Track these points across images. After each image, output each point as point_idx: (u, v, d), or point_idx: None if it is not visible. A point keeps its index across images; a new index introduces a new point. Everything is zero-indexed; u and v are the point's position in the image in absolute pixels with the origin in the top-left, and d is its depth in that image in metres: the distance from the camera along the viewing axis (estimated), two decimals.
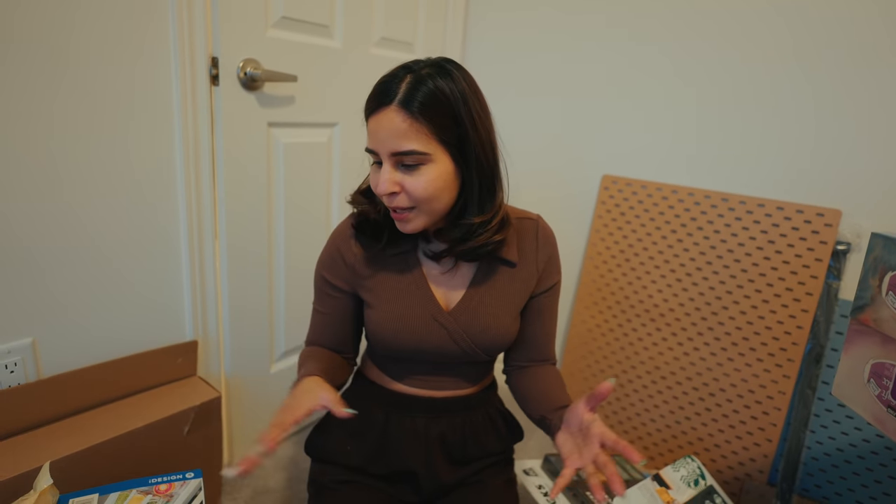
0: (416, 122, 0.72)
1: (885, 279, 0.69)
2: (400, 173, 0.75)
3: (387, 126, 0.73)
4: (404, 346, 0.86)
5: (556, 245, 0.93)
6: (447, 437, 0.93)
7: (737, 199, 1.30)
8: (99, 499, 0.84)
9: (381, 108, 0.73)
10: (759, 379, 1.28)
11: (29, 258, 0.91)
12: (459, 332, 0.85)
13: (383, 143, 0.73)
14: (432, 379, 0.91)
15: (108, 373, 1.02)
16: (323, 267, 0.91)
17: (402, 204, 0.75)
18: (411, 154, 0.73)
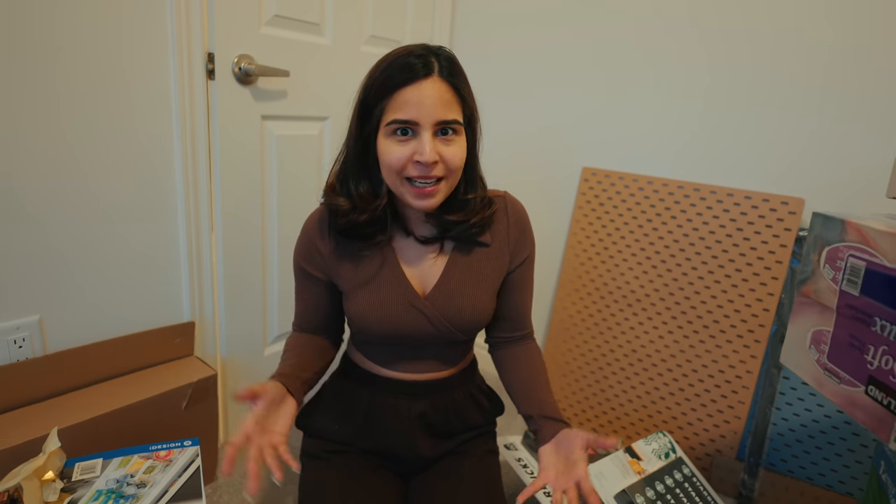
0: (456, 93, 0.77)
1: (823, 253, 0.76)
2: (437, 142, 0.76)
3: (432, 94, 0.74)
4: (384, 332, 0.89)
5: (527, 219, 0.95)
6: (429, 415, 0.98)
7: (708, 190, 1.37)
8: (103, 463, 0.91)
9: (423, 77, 0.74)
10: (728, 359, 1.35)
11: (37, 242, 0.97)
12: (437, 315, 0.88)
13: (429, 112, 0.74)
14: (413, 363, 0.95)
15: (111, 350, 1.08)
16: (299, 257, 0.93)
17: (439, 173, 0.77)
18: (454, 123, 0.76)
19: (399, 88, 0.74)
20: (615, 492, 1.05)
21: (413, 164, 0.76)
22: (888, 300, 0.63)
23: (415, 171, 0.76)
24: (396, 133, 0.76)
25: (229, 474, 0.71)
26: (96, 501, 0.82)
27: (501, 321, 0.99)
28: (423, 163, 0.74)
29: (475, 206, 0.85)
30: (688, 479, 1.14)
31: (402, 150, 0.76)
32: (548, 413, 0.91)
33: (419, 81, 0.74)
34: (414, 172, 0.76)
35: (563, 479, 0.82)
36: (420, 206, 0.79)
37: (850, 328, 0.70)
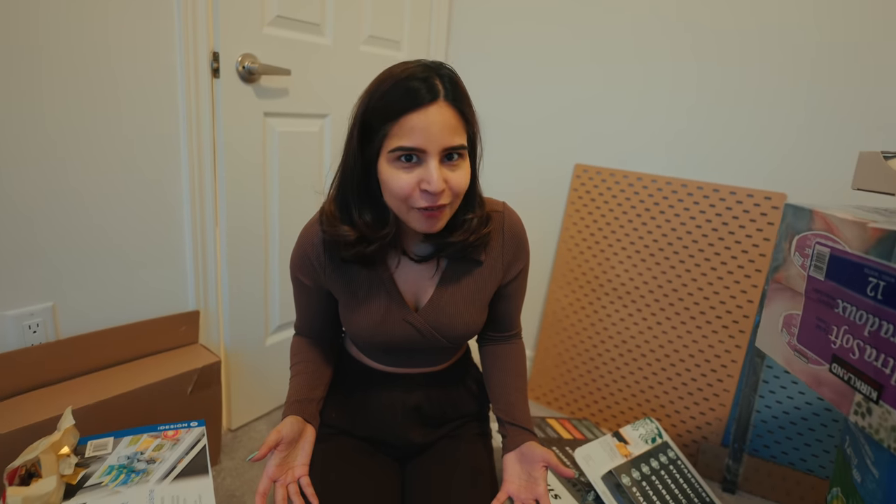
0: (461, 117, 0.74)
1: (794, 242, 0.80)
2: (444, 169, 0.74)
3: (439, 121, 0.72)
4: (377, 343, 0.91)
5: (524, 234, 0.96)
6: (423, 406, 1.02)
7: (695, 185, 1.42)
8: (114, 441, 0.95)
9: (429, 103, 0.72)
10: (714, 349, 1.40)
11: (51, 233, 1.02)
12: (428, 329, 0.90)
13: (436, 139, 0.72)
14: (407, 361, 0.98)
15: (119, 336, 1.13)
16: (295, 268, 0.94)
17: (445, 200, 0.75)
18: (460, 149, 0.74)
19: (404, 114, 0.72)
20: (602, 472, 1.09)
21: (420, 193, 0.74)
22: (849, 283, 0.68)
23: (422, 202, 0.74)
24: (401, 160, 0.74)
25: None
26: (109, 475, 0.87)
27: (491, 324, 1.02)
28: (431, 192, 0.73)
29: (473, 225, 0.85)
30: (672, 462, 1.19)
31: (408, 178, 0.74)
32: (517, 420, 0.94)
33: (425, 108, 0.72)
34: (421, 203, 0.75)
35: (524, 493, 0.87)
36: (426, 230, 0.78)
37: (816, 311, 0.74)
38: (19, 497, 0.74)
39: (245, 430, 1.44)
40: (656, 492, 1.10)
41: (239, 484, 1.24)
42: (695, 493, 1.16)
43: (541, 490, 0.85)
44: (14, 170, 0.95)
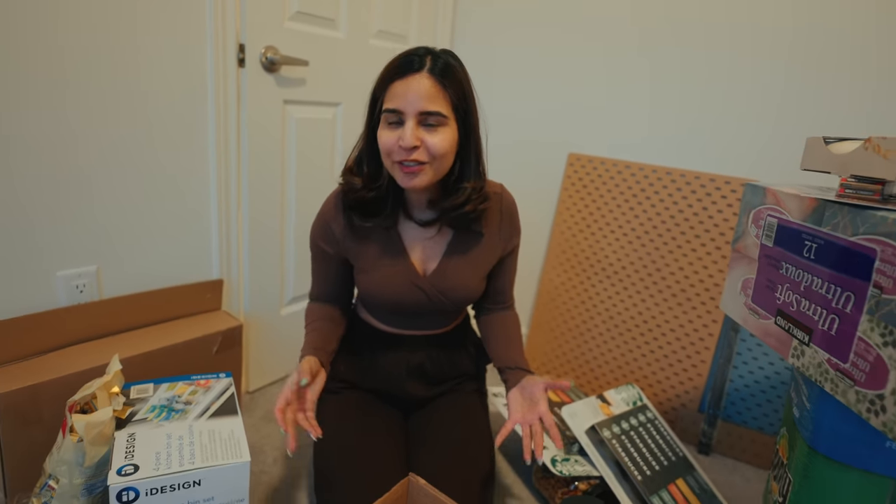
0: (442, 89, 0.87)
1: (750, 215, 0.93)
2: (422, 130, 0.87)
3: (417, 88, 0.85)
4: (388, 303, 1.05)
5: (517, 213, 1.10)
6: (425, 365, 1.14)
7: (678, 173, 1.55)
8: (154, 387, 1.08)
9: (412, 73, 0.86)
10: (693, 324, 1.52)
11: (98, 204, 1.14)
12: (434, 292, 1.03)
13: (413, 103, 0.86)
14: (412, 322, 1.11)
15: (154, 299, 1.25)
16: (316, 235, 1.06)
17: (421, 158, 0.88)
18: (436, 115, 0.87)
19: (392, 82, 0.88)
20: (585, 427, 1.22)
21: (398, 149, 0.88)
22: (791, 247, 0.80)
23: (399, 156, 0.88)
24: (389, 121, 0.89)
25: (296, 449, 0.90)
26: (152, 413, 0.99)
27: (488, 296, 1.16)
28: (403, 147, 0.86)
29: (470, 194, 0.97)
30: (650, 421, 1.32)
31: (391, 136, 0.88)
32: (516, 365, 1.08)
33: (408, 76, 0.86)
34: (398, 157, 0.88)
35: (528, 416, 0.99)
36: (406, 185, 0.91)
37: (766, 273, 0.87)
38: (83, 422, 0.87)
39: (261, 393, 1.57)
40: (633, 444, 1.22)
41: (257, 438, 1.36)
42: (669, 447, 1.28)
43: (542, 408, 0.97)
44: (75, 147, 1.07)
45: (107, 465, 0.94)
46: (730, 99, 1.47)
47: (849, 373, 0.67)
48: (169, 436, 0.93)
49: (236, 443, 0.94)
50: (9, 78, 0.97)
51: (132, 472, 0.84)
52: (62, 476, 0.91)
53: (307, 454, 1.30)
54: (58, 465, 0.91)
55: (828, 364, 0.71)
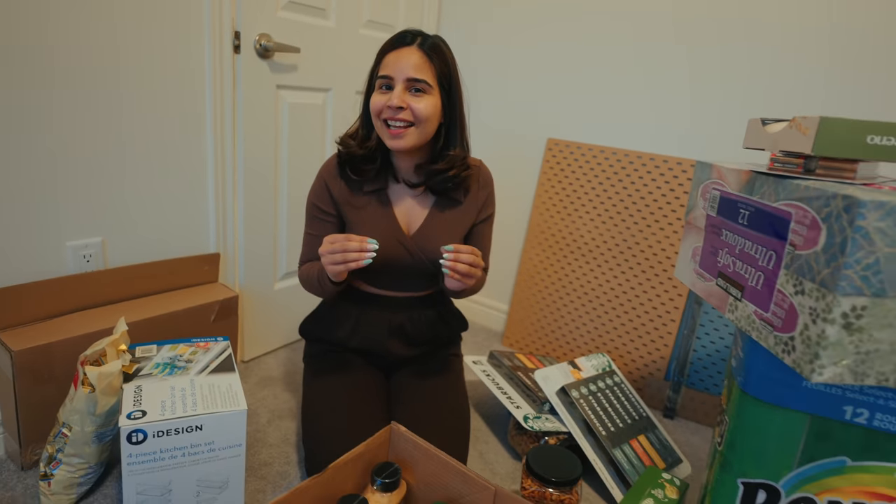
0: (428, 61, 1.02)
1: (699, 189, 1.03)
2: (408, 96, 1.02)
3: (407, 58, 1.01)
4: (376, 260, 1.16)
5: (493, 185, 1.23)
6: (405, 325, 1.25)
7: (648, 157, 1.65)
8: (157, 348, 1.17)
9: (403, 46, 1.02)
10: (661, 297, 1.63)
11: (104, 178, 1.23)
12: (416, 250, 1.15)
13: (402, 71, 1.01)
14: (395, 283, 1.22)
15: (155, 270, 1.34)
16: (314, 196, 1.18)
17: (406, 118, 1.02)
18: (422, 82, 1.01)
19: (386, 53, 1.04)
20: (556, 388, 1.33)
21: (386, 108, 1.02)
22: (729, 215, 0.91)
23: (386, 114, 1.03)
24: (381, 87, 1.04)
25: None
26: (157, 369, 1.08)
27: None
28: (391, 106, 1.00)
29: (454, 161, 1.11)
30: (617, 385, 1.43)
31: (381, 98, 1.03)
32: None
33: (400, 48, 1.02)
34: (386, 115, 1.03)
35: None
36: (392, 144, 1.05)
37: (711, 241, 0.97)
38: (95, 372, 0.96)
39: (255, 362, 1.66)
40: (600, 404, 1.33)
41: (253, 402, 1.46)
42: (633, 408, 1.39)
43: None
44: (83, 129, 1.16)
45: (116, 415, 1.04)
46: (694, 88, 1.57)
47: (769, 320, 0.78)
48: (173, 388, 1.03)
49: (234, 395, 1.03)
50: (22, 57, 1.05)
51: (140, 416, 0.94)
52: (75, 424, 1.00)
53: (297, 415, 1.40)
54: (71, 414, 1.00)
55: (754, 315, 0.82)
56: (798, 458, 0.84)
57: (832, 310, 0.66)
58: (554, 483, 1.03)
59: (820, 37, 1.38)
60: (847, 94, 1.38)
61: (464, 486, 0.93)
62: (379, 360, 1.27)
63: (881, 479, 0.81)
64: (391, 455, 1.04)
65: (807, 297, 0.70)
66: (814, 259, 0.69)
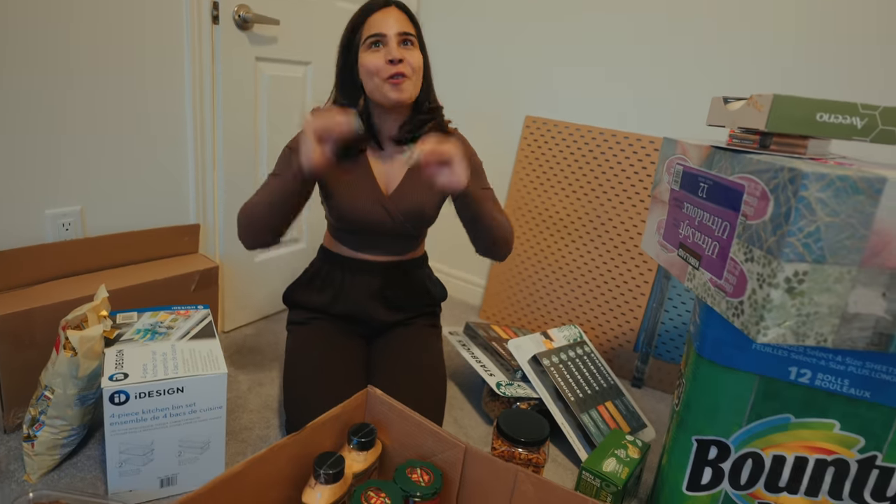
0: (408, 18, 1.11)
1: (664, 164, 1.07)
2: (401, 48, 1.08)
3: (394, 15, 1.08)
4: (356, 220, 1.20)
5: (471, 147, 1.27)
6: (386, 290, 1.29)
7: (622, 135, 1.69)
8: (138, 315, 1.19)
9: (387, 6, 1.09)
10: (631, 272, 1.69)
11: (82, 146, 1.23)
12: (395, 211, 1.18)
13: (393, 26, 1.07)
14: (375, 248, 1.25)
15: (134, 240, 1.35)
16: (294, 142, 1.15)
17: (405, 70, 1.06)
18: (410, 34, 1.09)
19: (370, 15, 1.09)
20: (528, 357, 1.38)
21: (385, 66, 1.06)
22: (691, 189, 0.95)
23: (386, 72, 1.06)
24: (372, 46, 1.08)
25: None
26: (138, 334, 1.11)
27: None
28: (392, 60, 1.05)
29: (434, 111, 1.18)
30: (587, 355, 1.48)
31: (377, 56, 1.07)
32: None
33: (383, 9, 1.09)
34: (386, 73, 1.06)
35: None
36: (395, 97, 1.08)
37: (674, 214, 1.02)
38: (77, 336, 0.98)
39: (236, 333, 1.69)
40: (570, 372, 1.39)
41: (233, 370, 1.49)
42: (601, 376, 1.45)
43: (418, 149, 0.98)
44: (63, 97, 1.16)
45: (98, 379, 1.06)
46: (670, 68, 1.60)
47: (722, 287, 0.83)
48: (154, 352, 1.05)
49: (214, 359, 1.07)
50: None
51: (122, 378, 0.96)
52: (57, 387, 1.03)
53: (278, 383, 1.43)
54: (53, 377, 1.03)
55: (710, 283, 0.87)
56: (747, 416, 0.90)
57: (776, 275, 0.71)
58: (522, 443, 1.08)
59: (787, 15, 1.43)
60: (814, 73, 1.43)
61: (436, 444, 0.98)
62: (361, 327, 1.31)
63: (821, 435, 0.87)
64: (367, 416, 1.09)
65: (755, 264, 0.75)
66: (762, 228, 0.74)
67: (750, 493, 0.94)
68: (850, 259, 0.70)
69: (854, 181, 0.67)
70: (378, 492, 0.88)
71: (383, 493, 0.88)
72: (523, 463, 1.05)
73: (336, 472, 0.90)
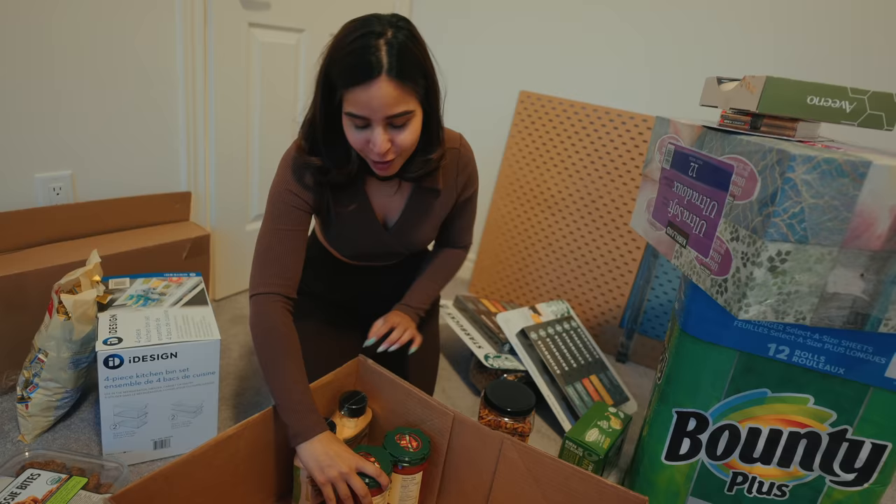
0: (405, 87, 0.82)
1: (657, 143, 1.08)
2: (390, 132, 0.86)
3: (380, 95, 0.80)
4: (355, 254, 1.13)
5: (475, 164, 1.13)
6: (381, 287, 1.26)
7: (615, 113, 1.69)
8: (130, 281, 1.20)
9: (372, 79, 0.80)
10: (619, 250, 1.71)
11: (72, 110, 1.22)
12: (396, 244, 1.11)
13: (378, 111, 0.82)
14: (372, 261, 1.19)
15: (125, 206, 1.35)
16: (287, 184, 0.98)
17: (392, 157, 0.88)
18: (404, 115, 0.84)
19: (351, 88, 0.82)
20: (516, 330, 1.41)
21: (371, 152, 0.87)
22: (681, 168, 0.97)
23: (371, 156, 0.89)
24: (356, 124, 0.86)
25: None
26: (131, 300, 1.12)
27: (443, 237, 1.22)
28: (378, 153, 0.86)
29: (431, 165, 0.99)
30: (574, 329, 1.51)
31: (360, 136, 0.87)
32: (403, 303, 1.17)
33: (369, 83, 0.80)
34: (372, 157, 0.89)
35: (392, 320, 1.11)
36: (380, 174, 0.95)
37: (664, 193, 1.03)
38: (71, 300, 0.99)
39: (227, 301, 1.70)
40: (556, 346, 1.42)
41: (225, 338, 1.50)
42: (587, 350, 1.49)
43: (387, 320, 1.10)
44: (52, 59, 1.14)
45: (91, 343, 1.07)
46: (667, 47, 1.60)
47: (708, 265, 0.85)
48: (147, 318, 1.06)
49: (207, 325, 1.08)
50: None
51: (116, 343, 0.97)
52: (51, 350, 1.04)
53: None
54: (47, 340, 1.04)
55: (696, 261, 0.89)
56: (726, 390, 0.94)
57: (760, 254, 0.73)
58: (509, 413, 1.11)
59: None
60: (811, 55, 1.43)
61: (425, 412, 1.00)
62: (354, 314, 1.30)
63: (795, 409, 0.91)
64: (358, 385, 1.11)
65: (740, 243, 0.77)
66: (749, 208, 0.76)
67: (725, 462, 0.98)
68: (831, 240, 0.73)
69: (839, 164, 0.69)
70: (368, 456, 0.91)
71: (373, 458, 0.91)
72: (509, 432, 1.08)
73: None
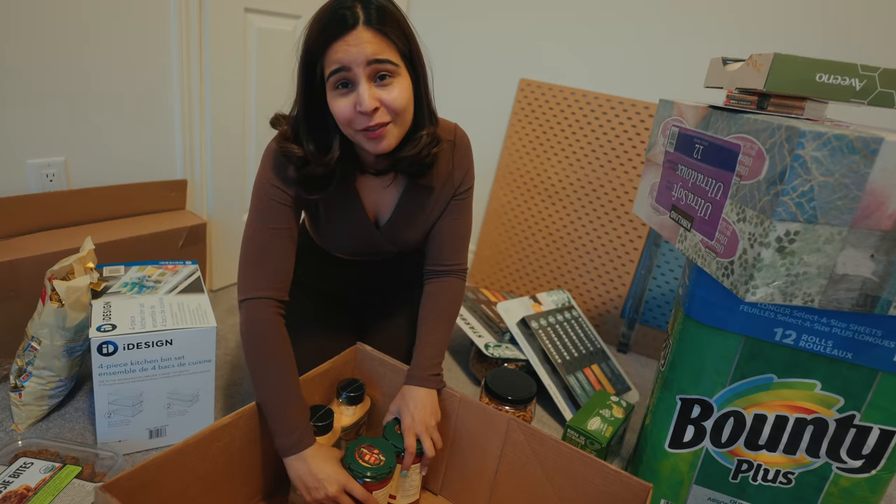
0: (385, 37, 0.77)
1: (660, 127, 1.06)
2: (376, 89, 0.78)
3: (359, 43, 0.75)
4: (343, 251, 1.09)
5: (471, 155, 1.04)
6: (372, 278, 1.23)
7: (617, 100, 1.67)
8: (125, 268, 1.18)
9: (347, 31, 0.75)
10: (621, 239, 1.70)
11: (65, 95, 1.19)
12: (387, 243, 1.06)
13: (359, 57, 0.76)
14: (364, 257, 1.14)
15: (120, 193, 1.33)
16: (270, 180, 0.90)
17: (383, 119, 0.79)
18: (386, 63, 0.77)
19: (329, 46, 0.77)
20: (517, 320, 1.39)
21: (358, 117, 0.79)
22: (686, 151, 0.95)
23: (361, 123, 0.80)
24: (338, 87, 0.79)
25: None
26: (125, 287, 1.10)
27: (434, 245, 1.06)
28: (363, 112, 0.78)
29: (423, 142, 0.90)
30: (575, 319, 1.50)
31: (346, 102, 0.79)
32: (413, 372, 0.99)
33: (345, 35, 0.76)
34: (361, 125, 0.80)
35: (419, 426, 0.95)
36: (375, 149, 0.84)
37: (667, 176, 1.01)
38: (64, 287, 0.97)
39: (224, 291, 1.68)
40: (557, 335, 1.40)
41: (221, 328, 1.48)
42: (588, 340, 1.47)
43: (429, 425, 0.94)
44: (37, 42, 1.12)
45: (85, 331, 1.05)
46: (667, 34, 1.58)
47: (713, 248, 0.83)
48: (142, 305, 1.05)
49: (203, 313, 1.06)
50: None
51: (110, 329, 0.96)
52: (44, 338, 1.02)
53: None
54: (40, 328, 1.02)
55: (701, 244, 0.87)
56: (731, 376, 0.92)
57: (768, 234, 0.72)
58: (510, 401, 1.10)
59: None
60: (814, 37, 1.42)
61: None
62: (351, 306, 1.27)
63: (802, 395, 0.89)
64: (356, 372, 1.09)
65: (747, 224, 0.76)
66: (756, 188, 0.74)
67: (730, 450, 0.96)
68: (841, 219, 0.71)
69: (851, 140, 0.67)
70: (371, 448, 0.89)
71: (376, 450, 0.89)
72: None
73: (325, 424, 0.91)
